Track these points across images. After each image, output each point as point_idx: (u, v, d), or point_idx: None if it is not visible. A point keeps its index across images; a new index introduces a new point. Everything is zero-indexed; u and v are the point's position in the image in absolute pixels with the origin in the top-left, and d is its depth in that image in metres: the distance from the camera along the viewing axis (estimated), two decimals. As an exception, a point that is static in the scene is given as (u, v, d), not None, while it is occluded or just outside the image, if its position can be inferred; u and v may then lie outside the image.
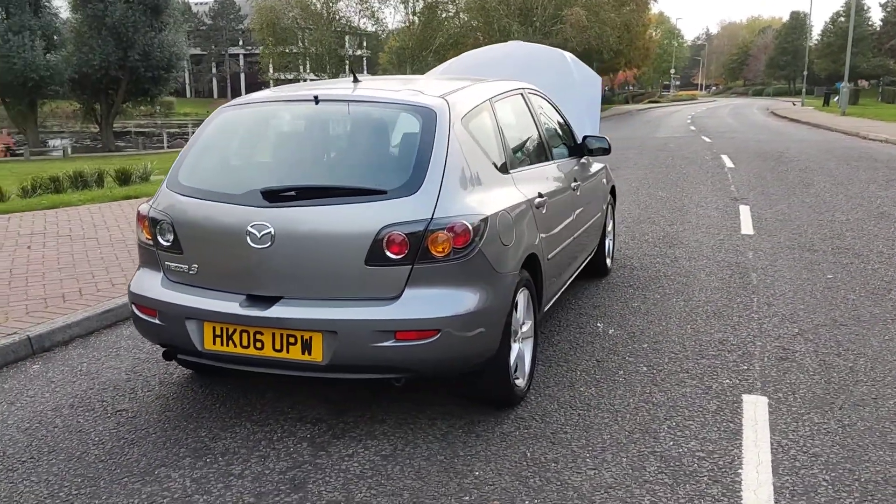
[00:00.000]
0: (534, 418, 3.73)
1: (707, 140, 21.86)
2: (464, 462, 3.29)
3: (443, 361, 3.36)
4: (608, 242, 6.46)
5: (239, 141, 3.90)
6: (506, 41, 34.97)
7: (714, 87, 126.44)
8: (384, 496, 3.02)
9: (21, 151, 33.60)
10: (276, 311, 3.28)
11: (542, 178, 4.40)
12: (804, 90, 61.46)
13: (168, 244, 3.56)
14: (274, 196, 3.37)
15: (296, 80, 42.75)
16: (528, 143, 4.64)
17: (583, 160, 5.58)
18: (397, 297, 3.26)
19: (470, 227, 3.31)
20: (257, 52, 47.45)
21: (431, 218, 3.26)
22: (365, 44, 44.62)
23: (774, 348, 4.69)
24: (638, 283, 6.21)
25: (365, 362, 3.27)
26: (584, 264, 5.65)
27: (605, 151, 5.58)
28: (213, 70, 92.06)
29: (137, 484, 3.10)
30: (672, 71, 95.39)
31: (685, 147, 19.25)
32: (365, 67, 56.75)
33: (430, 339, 3.24)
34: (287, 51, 39.97)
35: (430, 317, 3.24)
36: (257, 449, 3.41)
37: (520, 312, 3.87)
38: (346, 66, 39.50)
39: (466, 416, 3.74)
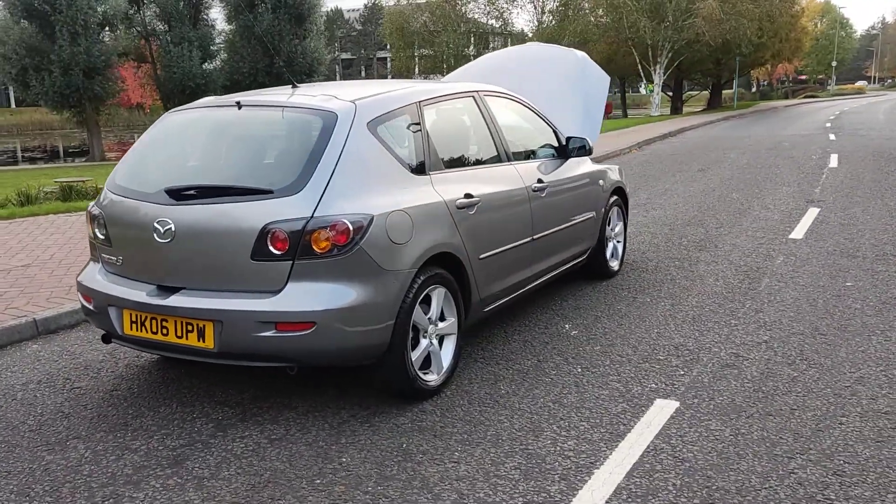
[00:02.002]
0: (434, 412, 3.91)
1: (832, 138, 20.59)
2: (339, 449, 3.54)
3: (325, 353, 3.61)
4: (613, 244, 6.44)
5: (167, 143, 4.30)
6: (633, 39, 34.04)
7: (889, 80, 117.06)
8: (246, 475, 3.31)
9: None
10: (172, 301, 3.66)
11: (480, 180, 4.53)
12: None
13: (102, 238, 4.04)
14: (177, 195, 3.76)
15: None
16: (468, 146, 4.80)
17: (569, 161, 5.65)
18: (279, 291, 3.55)
19: (350, 226, 3.55)
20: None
21: (311, 216, 3.52)
22: (492, 45, 44.94)
23: (727, 355, 4.60)
24: (637, 286, 6.17)
25: (250, 350, 3.58)
26: (569, 265, 5.70)
27: (585, 151, 5.64)
28: (363, 73, 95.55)
29: (44, 452, 3.56)
30: (833, 64, 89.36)
31: (799, 146, 18.26)
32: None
33: (307, 332, 3.51)
34: (416, 54, 40.99)
35: (305, 310, 3.51)
36: (166, 427, 3.80)
37: (432, 310, 4.05)
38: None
39: (373, 407, 3.97)
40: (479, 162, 4.76)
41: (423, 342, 4.03)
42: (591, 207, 5.88)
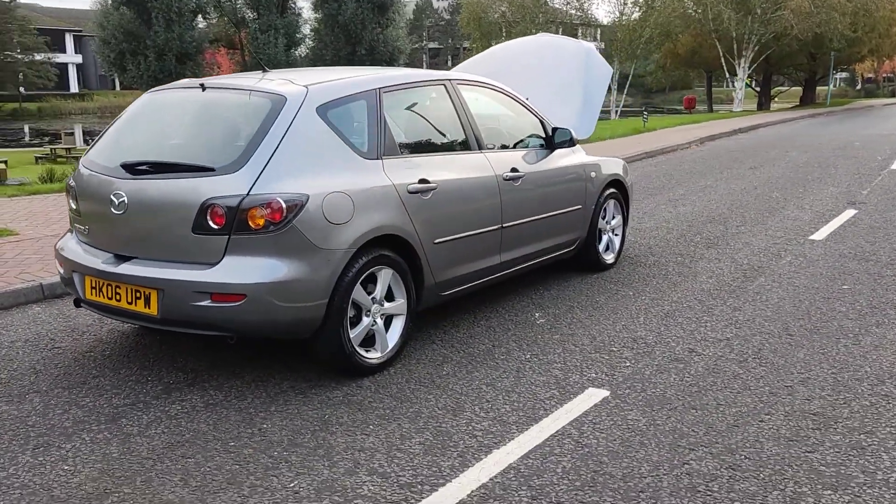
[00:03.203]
0: (370, 388, 4.09)
1: (912, 138, 19.64)
2: (265, 416, 3.75)
3: (256, 325, 3.83)
4: (608, 237, 6.46)
5: (137, 121, 4.57)
6: (717, 31, 33.12)
7: None
8: (169, 434, 3.56)
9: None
10: (123, 269, 3.96)
11: (441, 166, 4.65)
12: None
13: (74, 209, 4.37)
14: (131, 169, 4.05)
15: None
16: (432, 133, 4.92)
17: (555, 153, 5.71)
18: (217, 263, 3.79)
19: (284, 205, 3.75)
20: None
21: (247, 194, 3.74)
22: (580, 35, 44.45)
23: (682, 350, 4.61)
24: (626, 279, 6.18)
25: (189, 319, 3.83)
26: (551, 256, 5.77)
27: (569, 143, 5.69)
28: (449, 62, 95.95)
29: (2, 403, 3.90)
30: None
31: (870, 146, 17.49)
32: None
33: (239, 303, 3.74)
34: (493, 44, 40.95)
35: (237, 282, 3.73)
36: (118, 387, 4.10)
37: (377, 290, 4.22)
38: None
39: (314, 380, 4.17)
40: (444, 149, 4.88)
41: (365, 321, 4.20)
42: (577, 199, 5.91)
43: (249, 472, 3.22)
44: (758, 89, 46.05)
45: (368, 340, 4.27)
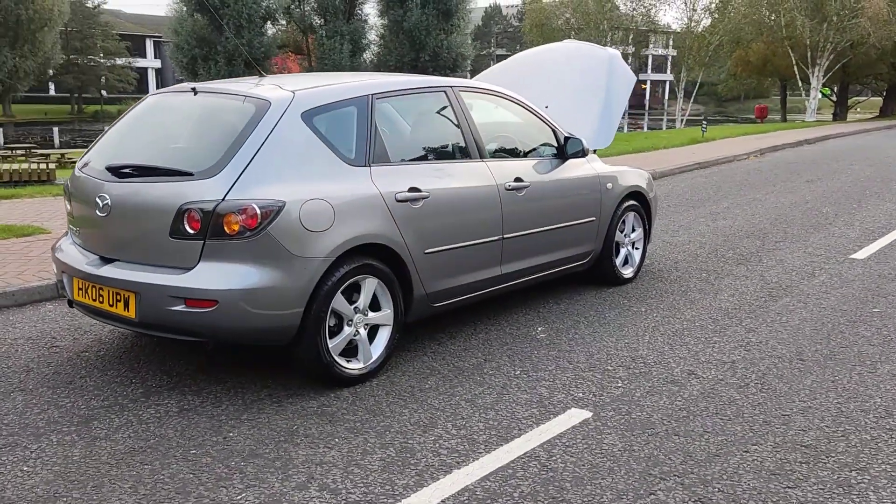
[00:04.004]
0: (347, 399, 4.02)
1: None
2: (234, 424, 3.72)
3: (230, 331, 3.81)
4: (626, 251, 6.26)
5: (131, 124, 4.59)
6: (790, 38, 32.08)
7: None
8: (134, 439, 3.56)
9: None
10: (105, 271, 3.99)
11: (436, 175, 4.56)
12: None
13: (69, 210, 4.42)
14: (116, 172, 4.08)
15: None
16: (428, 141, 4.83)
17: (567, 163, 5.56)
18: (192, 268, 3.78)
19: (259, 211, 3.72)
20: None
21: (223, 199, 3.72)
22: (657, 45, 43.79)
23: (681, 372, 4.41)
24: (642, 294, 5.97)
25: (165, 323, 3.83)
26: (561, 269, 5.61)
27: (580, 154, 5.54)
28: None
29: (-16, 398, 3.98)
30: None
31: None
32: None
33: (211, 309, 3.71)
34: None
35: (209, 288, 3.71)
36: (101, 388, 4.13)
37: (361, 300, 4.15)
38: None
39: (294, 389, 4.13)
40: (441, 157, 4.79)
41: (347, 330, 4.13)
42: (590, 211, 5.73)
43: (201, 482, 3.18)
44: (834, 99, 44.44)
45: (351, 350, 4.20)
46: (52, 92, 60.87)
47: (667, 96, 41.24)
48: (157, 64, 69.95)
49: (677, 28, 40.39)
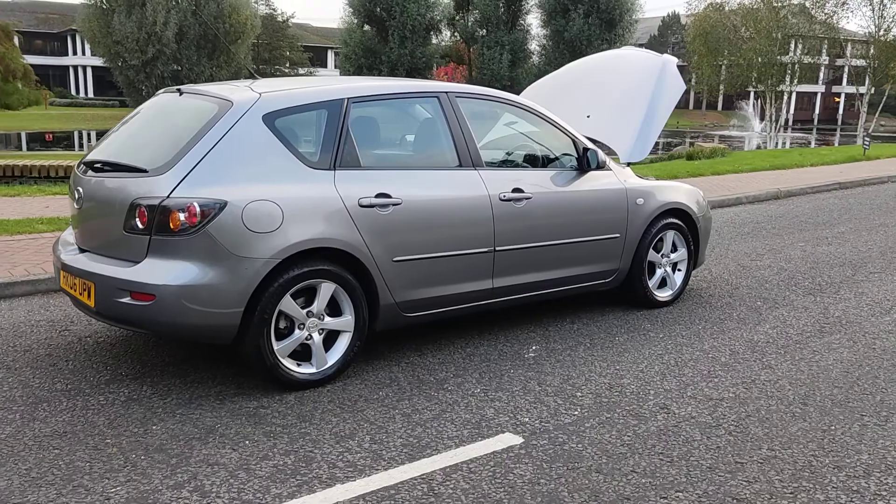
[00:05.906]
0: (289, 402, 4.00)
1: None
2: (162, 418, 3.78)
3: (168, 326, 3.90)
4: (663, 272, 5.82)
5: (127, 122, 4.77)
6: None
7: None
8: (65, 424, 3.70)
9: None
10: (72, 260, 4.21)
11: (413, 182, 4.43)
12: None
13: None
14: (89, 166, 4.29)
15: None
16: (410, 147, 4.71)
17: (589, 174, 5.27)
18: (139, 262, 3.90)
19: (198, 209, 3.79)
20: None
21: (167, 196, 3.83)
22: (827, 52, 40.69)
23: (654, 406, 4.05)
24: (672, 321, 5.52)
25: (115, 314, 3.98)
26: (578, 286, 5.33)
27: (598, 166, 5.23)
28: (692, 80, 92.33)
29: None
30: None
31: None
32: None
33: (150, 303, 3.82)
34: (721, 62, 38.72)
35: (148, 282, 3.82)
36: (76, 373, 4.35)
37: (316, 304, 4.12)
38: (788, 76, 36.74)
39: (246, 389, 4.16)
40: (424, 164, 4.66)
41: (297, 333, 4.11)
42: (614, 227, 5.38)
43: (90, 472, 3.26)
44: None
45: (304, 355, 4.18)
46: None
47: (864, 109, 38.15)
48: (336, 73, 73.67)
49: (862, 37, 37.29)
